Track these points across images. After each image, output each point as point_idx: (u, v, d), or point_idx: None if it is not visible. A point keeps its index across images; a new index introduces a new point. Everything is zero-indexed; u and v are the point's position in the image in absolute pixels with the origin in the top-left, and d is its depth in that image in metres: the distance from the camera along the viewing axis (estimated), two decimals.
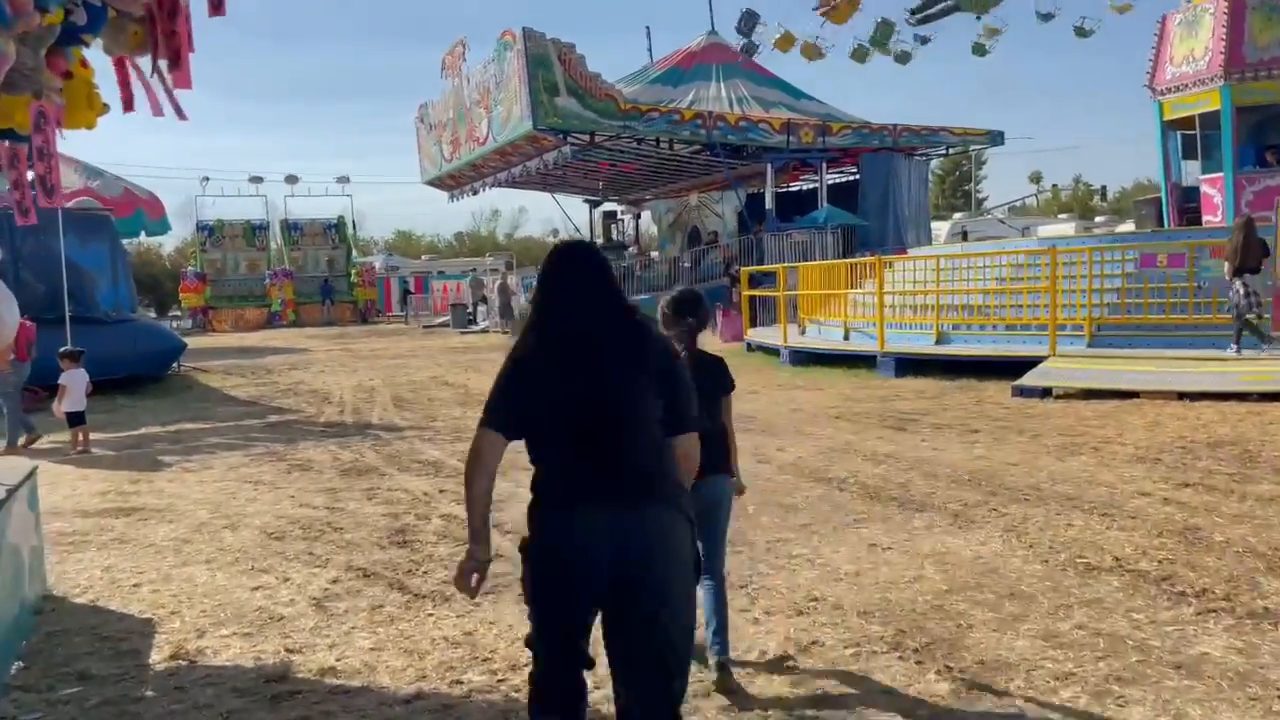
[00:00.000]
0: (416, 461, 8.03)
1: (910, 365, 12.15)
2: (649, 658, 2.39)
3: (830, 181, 28.17)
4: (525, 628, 2.66)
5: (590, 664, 2.50)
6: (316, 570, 5.04)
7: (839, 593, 4.35)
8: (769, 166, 26.37)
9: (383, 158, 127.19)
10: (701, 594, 3.18)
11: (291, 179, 38.74)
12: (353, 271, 40.12)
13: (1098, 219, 56.19)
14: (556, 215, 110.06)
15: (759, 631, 3.94)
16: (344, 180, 39.42)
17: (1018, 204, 63.08)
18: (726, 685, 3.37)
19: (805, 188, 31.61)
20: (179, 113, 4.33)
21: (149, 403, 12.99)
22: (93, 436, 10.09)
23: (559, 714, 2.51)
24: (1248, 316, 10.37)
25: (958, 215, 54.65)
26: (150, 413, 11.97)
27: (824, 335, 14.99)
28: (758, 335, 16.43)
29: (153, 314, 51.37)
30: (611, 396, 2.42)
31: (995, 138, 28.50)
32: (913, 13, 27.45)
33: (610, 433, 2.40)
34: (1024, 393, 9.89)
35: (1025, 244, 15.10)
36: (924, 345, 12.58)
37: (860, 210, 26.50)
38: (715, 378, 3.60)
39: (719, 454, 3.49)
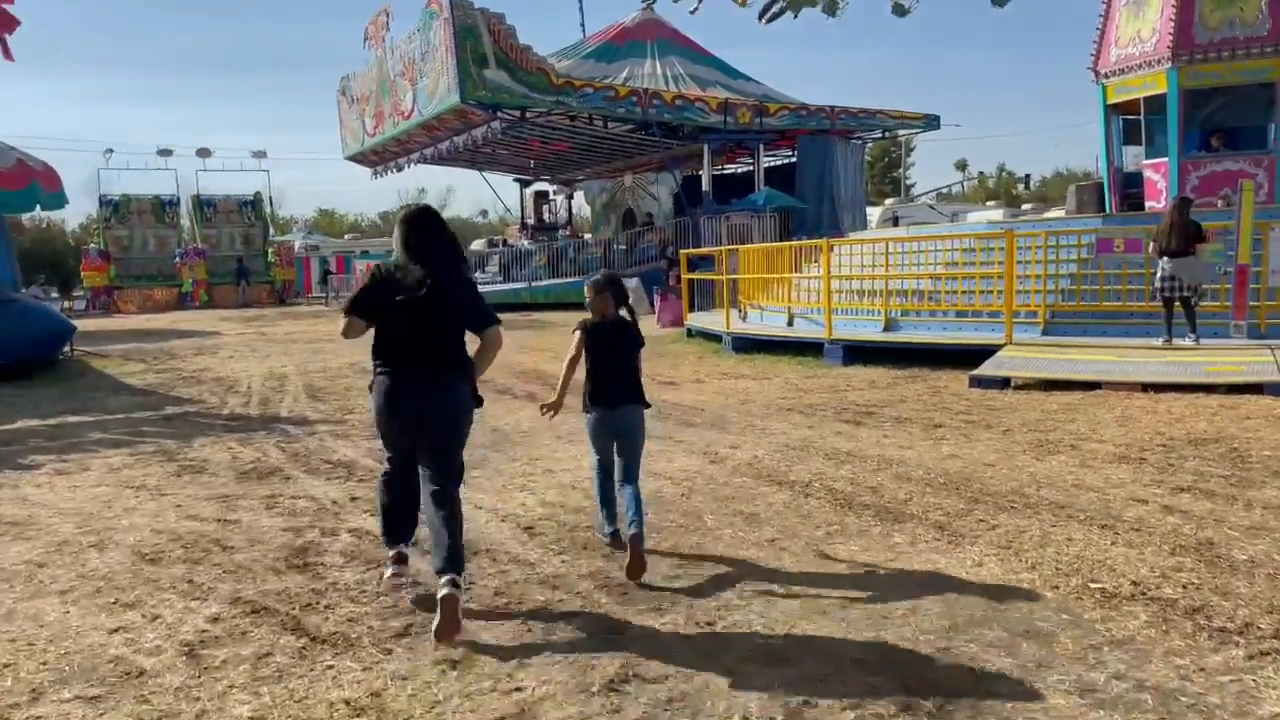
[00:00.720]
0: (326, 462, 7.14)
1: (859, 353, 11.61)
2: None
3: (767, 164, 27.70)
4: (444, 687, 3.26)
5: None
6: (194, 604, 4.17)
7: (827, 631, 3.66)
8: (706, 147, 25.76)
9: (302, 134, 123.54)
10: (627, 494, 4.54)
11: (204, 152, 36.84)
12: (270, 250, 38.40)
13: (1024, 206, 57.05)
14: (486, 195, 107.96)
15: (737, 689, 3.22)
16: (260, 155, 37.64)
17: (945, 190, 63.83)
18: (638, 553, 4.28)
19: (742, 170, 31.09)
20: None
21: (32, 393, 11.75)
22: None
23: (397, 504, 4.33)
24: (1178, 298, 10.01)
25: (889, 201, 54.91)
26: (31, 404, 10.78)
27: (767, 321, 14.40)
28: (698, 320, 15.78)
29: (55, 294, 48.79)
30: (436, 318, 3.94)
31: (931, 122, 28.31)
32: None
33: (427, 337, 3.95)
34: (982, 383, 9.39)
35: (978, 227, 14.67)
36: (873, 332, 12.05)
37: (797, 193, 26.08)
38: (631, 336, 4.81)
39: (636, 388, 4.80)
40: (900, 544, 4.71)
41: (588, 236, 33.68)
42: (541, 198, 37.99)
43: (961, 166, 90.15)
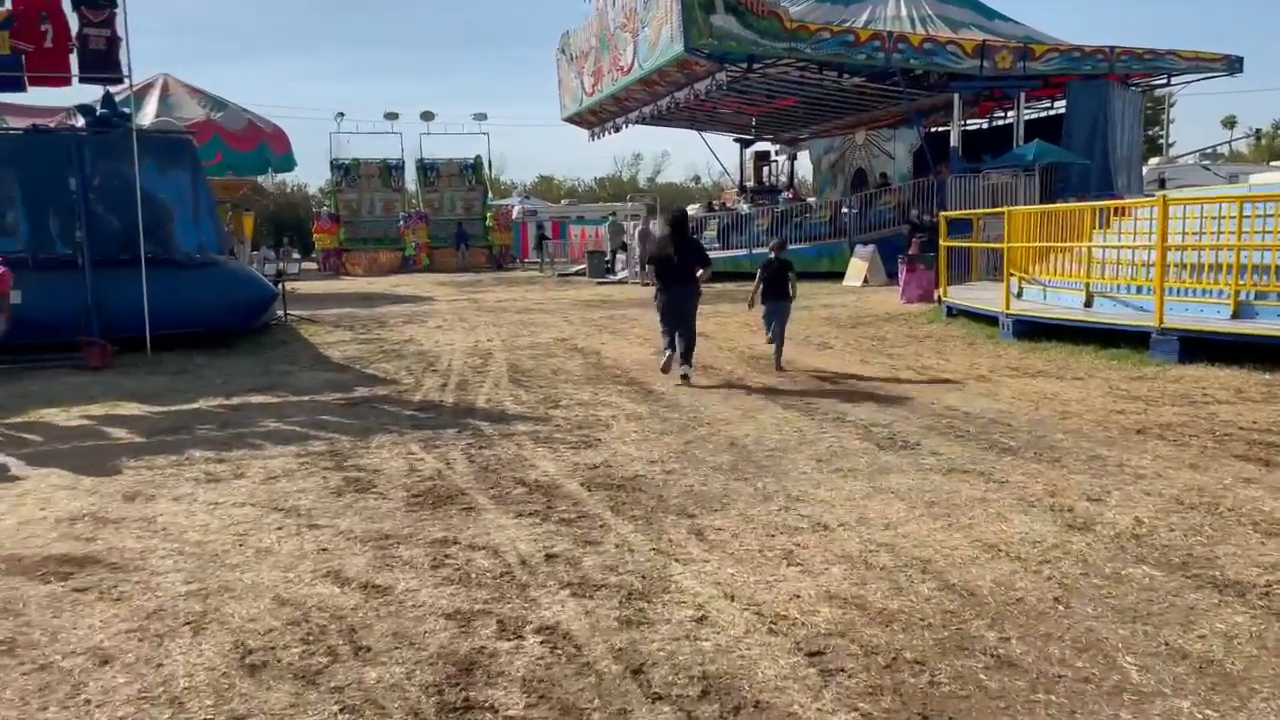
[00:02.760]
0: (521, 484, 5.47)
1: (1199, 348, 8.84)
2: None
3: (1027, 116, 24.13)
4: None
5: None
6: None
7: None
8: (956, 97, 22.67)
9: (522, 105, 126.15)
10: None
11: (427, 116, 36.96)
12: (488, 215, 38.28)
13: None
14: (699, 160, 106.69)
15: None
16: (481, 117, 37.37)
17: (1210, 150, 56.14)
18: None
19: (994, 125, 27.57)
20: None
21: (226, 363, 10.97)
22: (137, 410, 8.08)
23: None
24: None
25: (1153, 160, 48.63)
26: (220, 378, 9.90)
27: (1053, 300, 11.68)
28: (961, 297, 13.21)
29: (296, 256, 51.34)
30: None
31: (1234, 64, 23.73)
32: None
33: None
34: None
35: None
36: (1219, 320, 9.20)
37: (1063, 148, 22.46)
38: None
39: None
40: None
41: (812, 200, 31.14)
42: (762, 159, 35.72)
43: (1230, 124, 79.50)
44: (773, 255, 9.88)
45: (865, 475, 5.39)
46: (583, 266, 30.69)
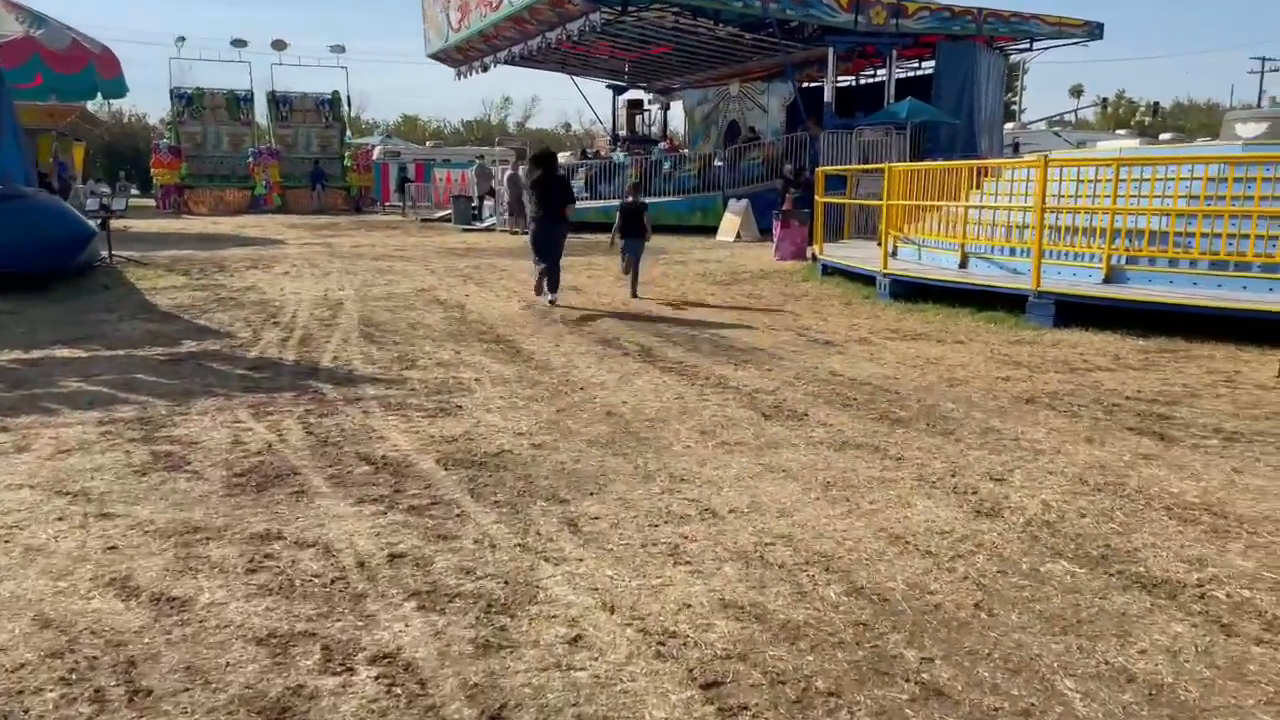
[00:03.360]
0: (366, 460, 4.75)
1: (1073, 312, 8.79)
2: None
3: (897, 76, 24.21)
4: None
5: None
6: None
7: None
8: (831, 51, 22.46)
9: (384, 39, 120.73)
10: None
11: (279, 45, 34.52)
12: (347, 154, 36.28)
13: (1163, 136, 51.89)
14: (570, 106, 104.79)
15: None
16: (339, 49, 35.19)
17: (1058, 118, 58.52)
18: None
19: (865, 82, 27.65)
20: None
21: (35, 310, 9.66)
22: None
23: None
24: None
25: (1008, 125, 50.29)
26: (25, 326, 8.66)
27: (929, 260, 11.55)
28: (836, 255, 12.98)
29: (135, 191, 47.63)
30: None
31: (1094, 30, 24.38)
32: None
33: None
34: None
35: (1232, 148, 11.44)
36: (1090, 284, 9.18)
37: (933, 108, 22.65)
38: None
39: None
40: None
41: (686, 151, 30.66)
42: (635, 107, 35.01)
43: (1077, 92, 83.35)
44: (630, 198, 11.81)
45: (753, 450, 4.91)
46: (448, 212, 29.41)
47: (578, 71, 32.72)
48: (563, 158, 44.62)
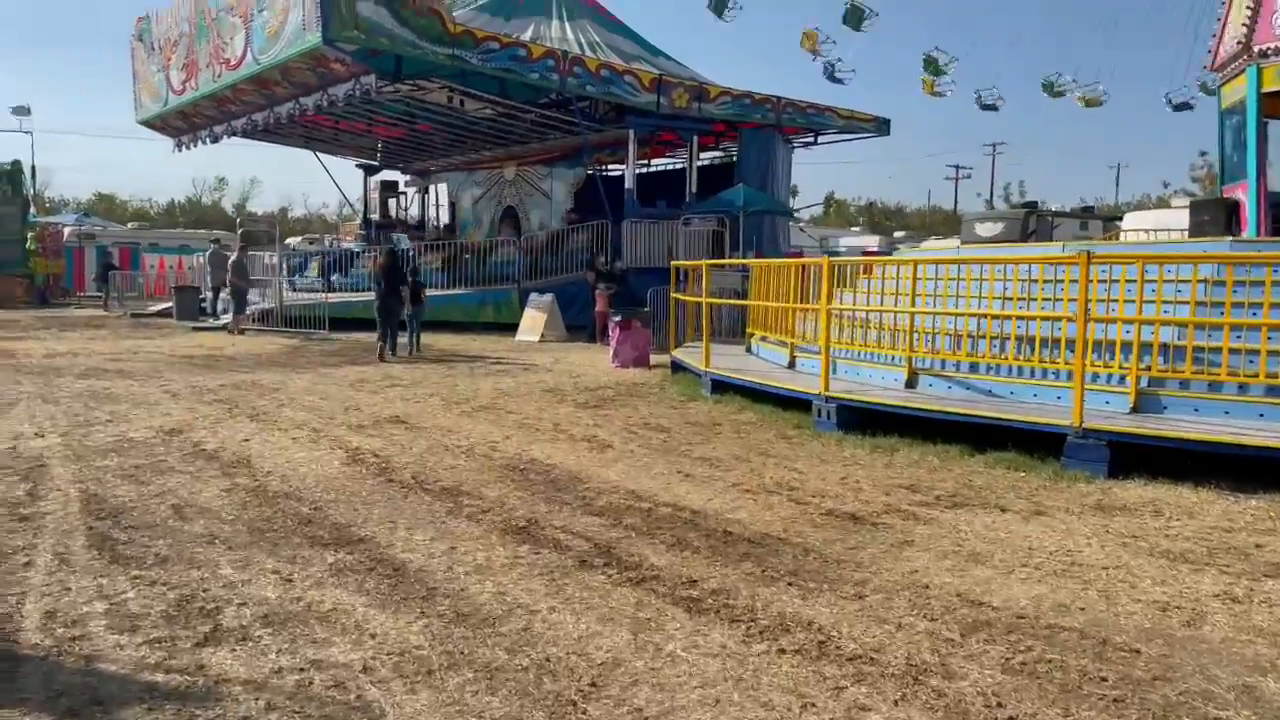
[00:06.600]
0: None
1: (867, 420, 6.82)
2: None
3: (699, 162, 22.73)
4: None
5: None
6: None
7: None
8: (632, 134, 20.51)
9: (72, 113, 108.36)
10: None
11: None
12: (30, 235, 29.91)
13: (896, 234, 55.14)
14: (295, 189, 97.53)
15: None
16: (23, 111, 29.24)
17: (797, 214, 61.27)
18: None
19: (659, 168, 26.09)
20: None
21: None
22: None
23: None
24: None
25: None
26: None
27: (849, 375, 9.30)
28: (726, 367, 10.47)
29: None
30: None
31: (882, 126, 24.24)
32: None
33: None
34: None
35: (1041, 249, 10.18)
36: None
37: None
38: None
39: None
40: None
41: (477, 240, 27.49)
42: (390, 190, 31.51)
43: (794, 191, 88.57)
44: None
45: None
46: (167, 306, 24.40)
47: (324, 148, 28.90)
48: (293, 241, 40.25)
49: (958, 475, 6.70)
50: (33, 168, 31.41)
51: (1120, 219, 24.37)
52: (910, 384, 8.72)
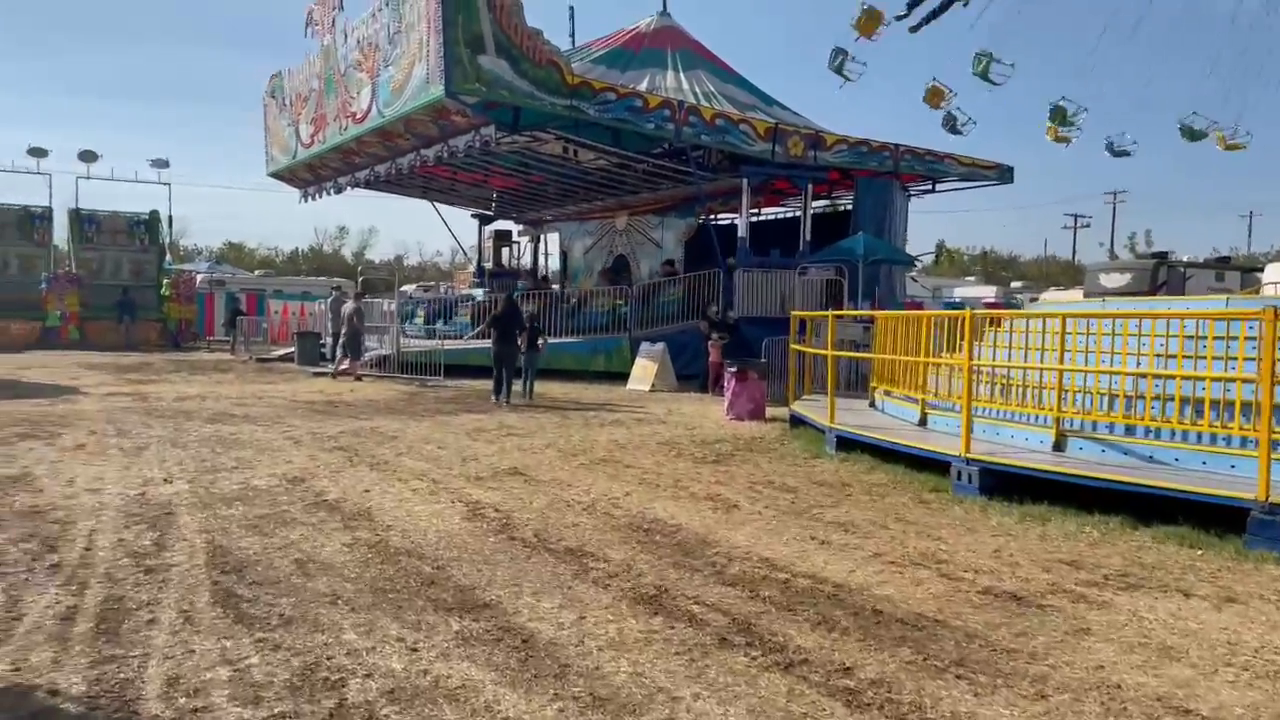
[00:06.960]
0: None
1: (1011, 485, 6.09)
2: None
3: (812, 210, 22.32)
4: None
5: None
6: None
7: None
8: (745, 182, 20.26)
9: (203, 165, 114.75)
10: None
11: (88, 156, 29.86)
12: (165, 282, 31.41)
13: (1014, 284, 53.43)
14: (411, 238, 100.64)
15: None
16: (161, 164, 30.80)
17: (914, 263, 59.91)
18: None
19: (769, 218, 25.80)
20: None
21: None
22: None
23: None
24: None
25: None
26: None
27: (989, 436, 8.72)
28: (854, 424, 9.98)
29: None
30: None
31: (1005, 174, 23.44)
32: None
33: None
34: None
35: (1203, 304, 9.37)
36: (1037, 451, 6.50)
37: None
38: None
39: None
40: None
41: (555, 286, 27.68)
42: (503, 239, 32.02)
43: (940, 250, 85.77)
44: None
45: None
46: (289, 350, 25.14)
47: (441, 198, 29.62)
48: (408, 289, 41.36)
49: (1124, 551, 6.09)
50: (169, 217, 33.05)
51: (1261, 270, 22.84)
52: (1058, 447, 8.08)
